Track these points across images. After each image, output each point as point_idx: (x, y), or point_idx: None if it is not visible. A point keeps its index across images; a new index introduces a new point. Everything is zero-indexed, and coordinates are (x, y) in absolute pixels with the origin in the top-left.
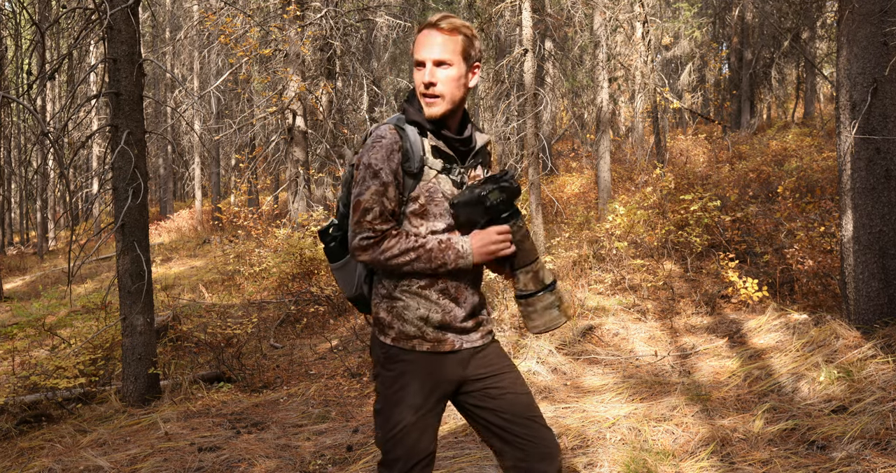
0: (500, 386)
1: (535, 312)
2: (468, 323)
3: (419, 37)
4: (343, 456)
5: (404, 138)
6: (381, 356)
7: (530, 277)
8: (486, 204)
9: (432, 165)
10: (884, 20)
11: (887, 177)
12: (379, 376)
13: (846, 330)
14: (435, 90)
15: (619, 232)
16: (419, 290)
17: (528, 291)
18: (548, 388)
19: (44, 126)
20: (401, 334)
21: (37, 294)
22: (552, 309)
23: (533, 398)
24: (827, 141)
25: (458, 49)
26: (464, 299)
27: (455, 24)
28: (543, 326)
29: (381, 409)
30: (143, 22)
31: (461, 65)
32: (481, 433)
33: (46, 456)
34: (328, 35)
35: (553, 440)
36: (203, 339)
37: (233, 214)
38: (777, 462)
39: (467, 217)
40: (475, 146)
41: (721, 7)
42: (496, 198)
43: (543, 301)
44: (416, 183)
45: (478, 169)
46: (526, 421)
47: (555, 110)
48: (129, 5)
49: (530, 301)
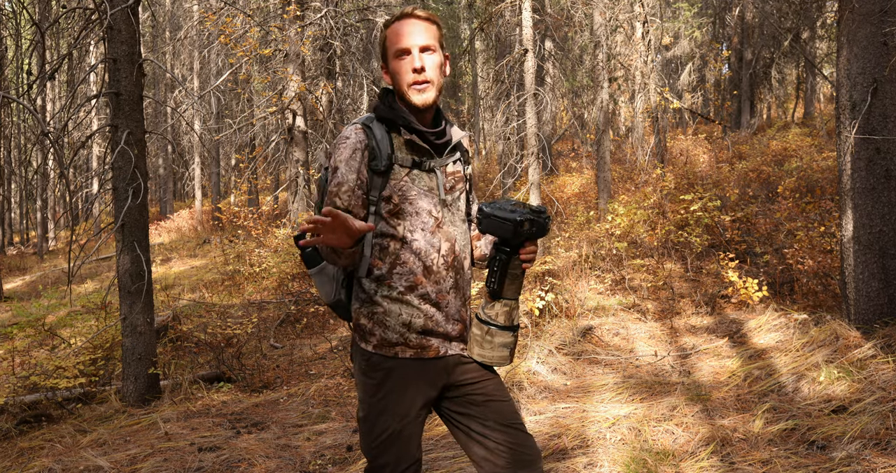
0: (482, 392)
1: (489, 343)
2: (452, 330)
3: (395, 27)
4: (343, 456)
5: (370, 136)
6: (363, 363)
7: (505, 311)
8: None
9: (403, 162)
10: (884, 20)
11: (887, 177)
12: (360, 384)
13: (846, 330)
14: (426, 75)
15: (619, 232)
16: (400, 296)
17: (496, 322)
18: (548, 388)
19: (44, 126)
20: (383, 341)
21: (37, 294)
22: (505, 349)
23: (514, 405)
24: (827, 141)
25: (437, 37)
26: (445, 304)
27: (429, 13)
28: (489, 359)
29: (366, 417)
30: (143, 22)
31: (440, 52)
32: (461, 440)
33: (46, 456)
34: (328, 35)
35: (534, 446)
36: (203, 339)
37: (233, 214)
38: (777, 462)
39: (494, 230)
40: (451, 140)
41: (721, 7)
42: (530, 228)
43: (503, 337)
44: (385, 181)
45: (457, 164)
46: (507, 429)
47: (555, 110)
48: (129, 5)
49: (492, 331)
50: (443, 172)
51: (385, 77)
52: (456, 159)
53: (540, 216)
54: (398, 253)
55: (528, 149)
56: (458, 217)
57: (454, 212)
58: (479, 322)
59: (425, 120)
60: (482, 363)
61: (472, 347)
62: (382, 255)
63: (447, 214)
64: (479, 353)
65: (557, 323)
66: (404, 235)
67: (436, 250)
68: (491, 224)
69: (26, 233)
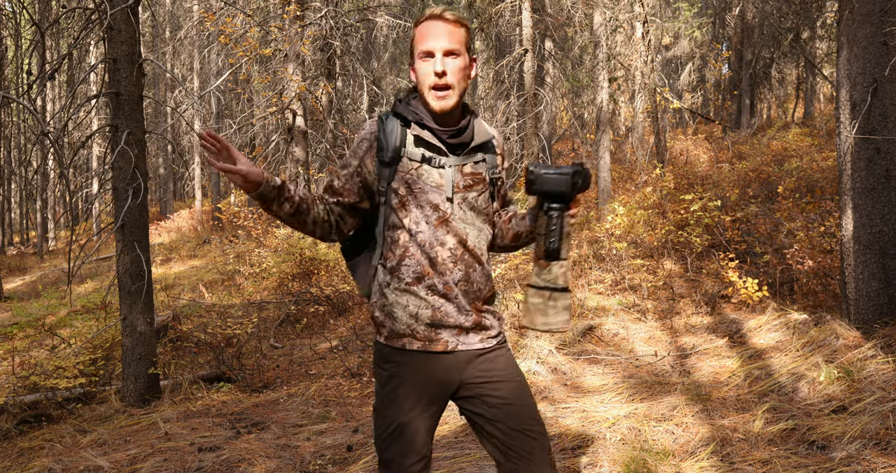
0: (499, 395)
1: (553, 308)
2: (465, 322)
3: (422, 27)
4: (343, 456)
5: (380, 128)
6: (377, 355)
7: (562, 272)
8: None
9: (412, 156)
10: (884, 20)
11: (887, 177)
12: (376, 375)
13: (846, 330)
14: (447, 80)
15: (618, 232)
16: (407, 287)
17: (557, 285)
18: (548, 388)
19: (44, 126)
20: (392, 332)
21: (37, 294)
22: (567, 312)
23: (533, 409)
24: (827, 141)
25: (464, 40)
26: (455, 295)
27: (458, 16)
28: (554, 325)
29: (378, 408)
30: (143, 22)
31: (465, 56)
32: (480, 439)
33: (46, 456)
34: (328, 35)
35: (543, 455)
36: (203, 339)
37: (233, 214)
38: (777, 462)
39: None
40: (468, 141)
41: (721, 7)
42: (581, 179)
43: (565, 299)
44: (392, 172)
45: (478, 165)
46: (518, 434)
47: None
48: (129, 5)
49: (554, 295)
50: (458, 171)
51: (412, 73)
52: (479, 160)
53: (583, 167)
54: (406, 246)
55: (527, 149)
56: (472, 215)
57: (466, 210)
58: (538, 290)
59: (446, 120)
60: (548, 331)
61: (535, 318)
62: (394, 247)
63: (458, 211)
64: (544, 321)
65: None
66: (410, 227)
67: (441, 244)
68: (547, 181)
69: (26, 232)
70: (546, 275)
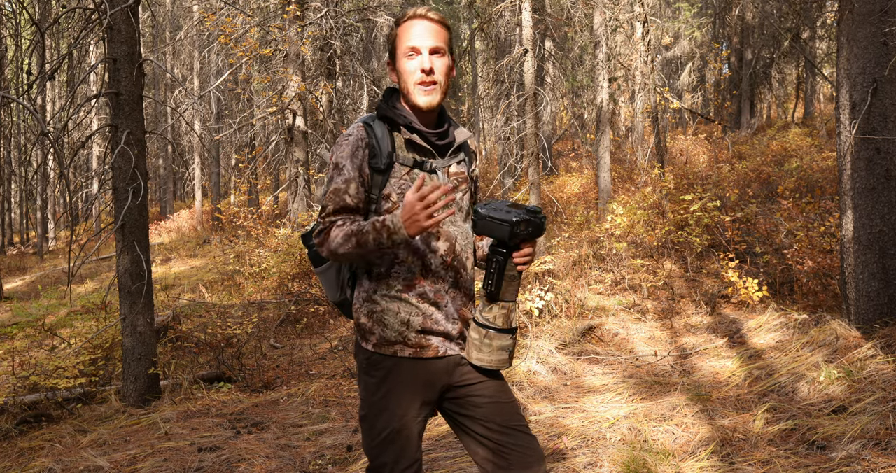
0: (484, 394)
1: (488, 347)
2: (453, 329)
3: (406, 26)
4: (343, 456)
5: (371, 134)
6: (364, 362)
7: (503, 313)
8: (515, 230)
9: (404, 161)
10: (884, 20)
11: (887, 177)
12: (362, 382)
13: (846, 330)
14: (434, 77)
15: (618, 232)
16: (398, 294)
17: (494, 325)
18: (548, 388)
19: (44, 126)
20: (382, 339)
21: (37, 294)
22: (504, 352)
23: (518, 406)
24: (827, 141)
25: (447, 40)
26: (444, 303)
27: (441, 16)
28: (487, 363)
29: (366, 416)
30: (143, 22)
31: (448, 56)
32: (463, 440)
33: (46, 456)
34: (328, 35)
35: (536, 448)
36: (203, 339)
37: (233, 214)
38: (777, 462)
39: (490, 232)
40: (453, 141)
41: (721, 7)
42: (526, 229)
43: (501, 340)
44: (385, 179)
45: (461, 165)
46: (509, 430)
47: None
48: (129, 5)
49: (490, 334)
50: (445, 173)
51: (391, 75)
52: (460, 160)
53: (536, 216)
54: (397, 253)
55: (527, 149)
56: (459, 216)
57: (456, 213)
58: (477, 325)
59: (428, 121)
60: (481, 367)
61: (471, 351)
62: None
63: None
64: (478, 357)
65: (557, 322)
66: None
67: (434, 250)
68: (486, 225)
69: (26, 232)
70: (486, 314)
